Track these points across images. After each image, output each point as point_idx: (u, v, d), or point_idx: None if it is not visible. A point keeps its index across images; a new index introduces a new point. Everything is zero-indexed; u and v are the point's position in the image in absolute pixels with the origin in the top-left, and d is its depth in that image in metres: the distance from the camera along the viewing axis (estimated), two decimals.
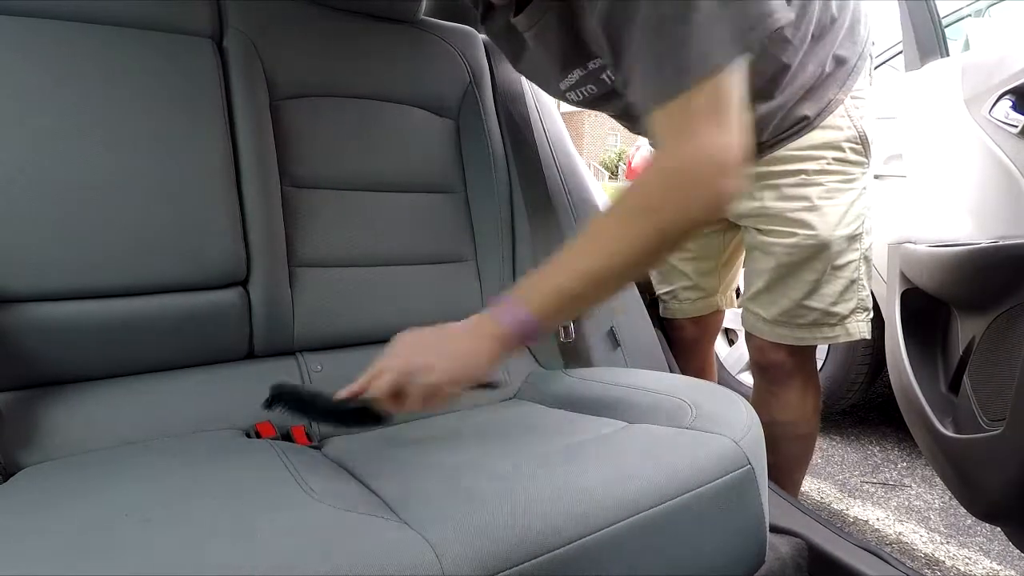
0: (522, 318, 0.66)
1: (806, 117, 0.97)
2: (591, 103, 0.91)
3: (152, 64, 0.84)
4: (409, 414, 0.93)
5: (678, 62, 0.62)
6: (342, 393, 0.69)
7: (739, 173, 0.63)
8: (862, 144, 1.01)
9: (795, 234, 1.00)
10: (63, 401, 0.77)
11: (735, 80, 0.63)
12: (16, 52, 0.76)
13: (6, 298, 0.73)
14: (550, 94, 0.97)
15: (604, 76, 0.83)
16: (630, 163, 2.60)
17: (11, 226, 0.74)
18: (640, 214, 0.65)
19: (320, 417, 0.78)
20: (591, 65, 0.83)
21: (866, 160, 1.03)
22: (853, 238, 1.02)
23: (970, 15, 1.80)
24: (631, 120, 0.97)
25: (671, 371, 1.12)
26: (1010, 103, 0.93)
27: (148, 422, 0.79)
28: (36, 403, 0.76)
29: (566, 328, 1.06)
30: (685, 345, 1.33)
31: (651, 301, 1.29)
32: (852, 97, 0.99)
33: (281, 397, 0.72)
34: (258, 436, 0.80)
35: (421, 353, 0.67)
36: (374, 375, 0.68)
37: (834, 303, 1.04)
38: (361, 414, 0.70)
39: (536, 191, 1.12)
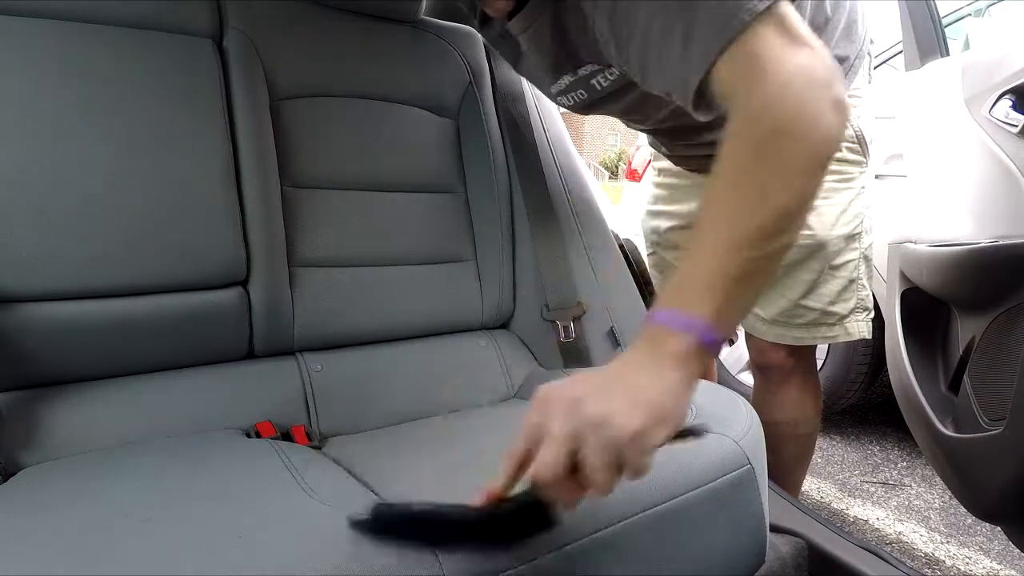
0: (698, 325, 0.49)
1: None
2: (584, 108, 0.91)
3: (152, 64, 0.83)
4: (406, 415, 0.93)
5: (726, 5, 0.55)
6: (479, 499, 0.49)
7: (839, 81, 0.55)
8: (860, 143, 1.01)
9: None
10: (63, 401, 0.77)
11: (787, 6, 0.56)
12: (16, 52, 0.76)
13: (6, 298, 0.73)
14: (548, 97, 0.97)
15: (595, 82, 0.83)
16: (630, 163, 2.60)
17: (11, 226, 0.73)
18: (761, 169, 0.52)
19: (452, 540, 0.51)
20: (581, 71, 0.82)
21: (864, 159, 1.03)
22: (851, 237, 1.02)
23: (970, 14, 1.80)
24: (639, 113, 0.94)
25: None
26: (1010, 103, 0.93)
27: (148, 422, 0.78)
28: (36, 403, 0.76)
29: (566, 328, 1.06)
30: None
31: (651, 302, 1.29)
32: (850, 96, 0.99)
33: (381, 520, 0.49)
34: (258, 436, 0.80)
35: (589, 403, 0.46)
36: (523, 456, 0.48)
37: (832, 302, 1.04)
38: (520, 519, 0.49)
39: (536, 191, 1.12)
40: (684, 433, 0.50)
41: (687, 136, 1.01)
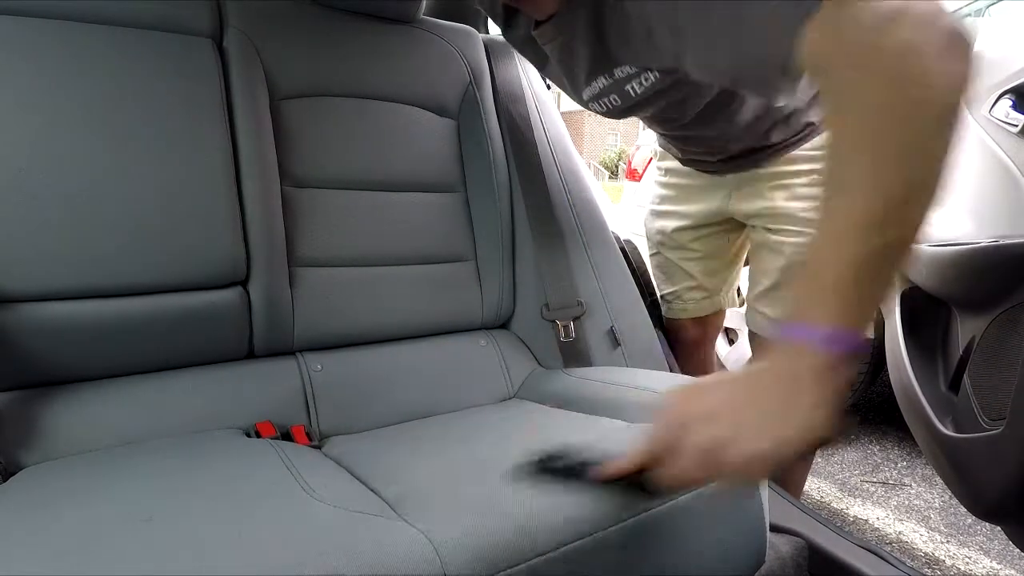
0: (835, 337, 0.46)
1: (812, 123, 0.98)
2: (618, 113, 0.89)
3: (152, 64, 0.83)
4: (406, 414, 0.94)
5: None
6: (609, 469, 0.56)
7: (947, 15, 0.45)
8: None
9: (806, 233, 1.01)
10: (63, 401, 0.77)
11: None
12: (16, 52, 0.76)
13: (6, 298, 0.73)
14: (579, 103, 0.97)
15: (629, 87, 0.81)
16: (630, 163, 2.60)
17: (11, 226, 0.74)
18: (890, 123, 0.45)
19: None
20: (618, 73, 0.80)
21: None
22: None
23: (970, 14, 1.80)
24: (669, 119, 0.93)
25: (671, 371, 1.12)
26: (1010, 102, 0.93)
27: (148, 422, 0.79)
28: (36, 403, 0.76)
29: (566, 327, 1.06)
30: (686, 346, 1.33)
31: (651, 302, 1.29)
32: None
33: (551, 466, 0.59)
34: (258, 436, 0.80)
35: (722, 422, 0.47)
36: (651, 456, 0.52)
37: None
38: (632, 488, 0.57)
39: (536, 191, 1.12)
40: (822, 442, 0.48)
41: (707, 142, 1.02)
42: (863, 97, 0.46)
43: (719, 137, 0.99)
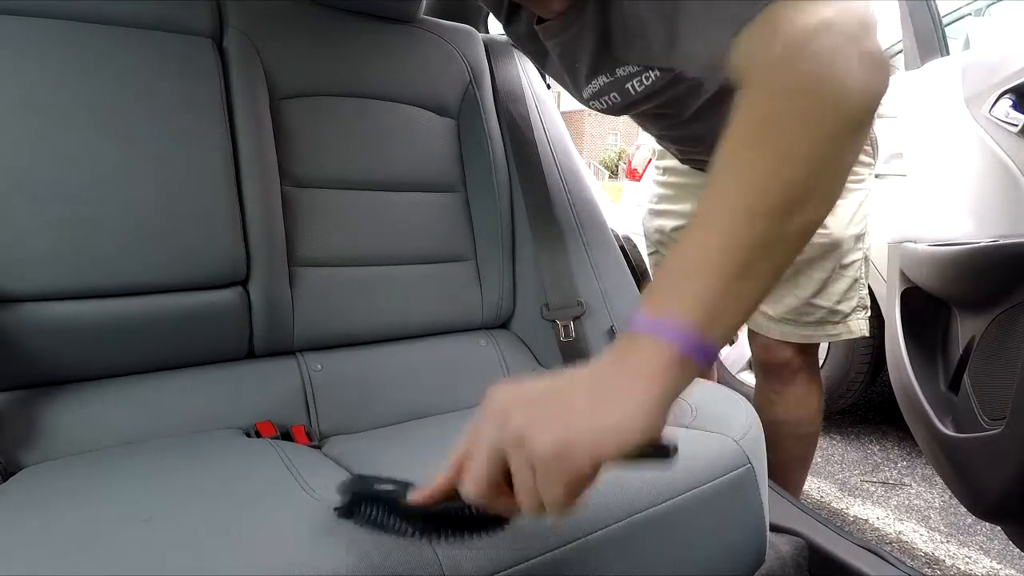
0: (682, 332, 0.40)
1: None
2: (618, 111, 0.90)
3: (152, 64, 0.83)
4: (406, 414, 0.93)
5: None
6: (416, 496, 0.47)
7: (873, 33, 0.46)
8: (871, 145, 1.03)
9: None
10: (63, 401, 0.77)
11: None
12: (17, 52, 0.76)
13: (6, 298, 0.73)
14: (577, 100, 0.97)
15: (630, 86, 0.82)
16: (630, 162, 2.60)
17: (11, 226, 0.73)
18: (780, 125, 0.44)
19: (414, 528, 0.49)
20: (620, 72, 0.81)
21: (873, 161, 1.06)
22: (859, 237, 1.05)
23: (970, 14, 1.79)
24: (668, 117, 0.94)
25: None
26: (1010, 102, 0.93)
27: (148, 422, 0.78)
28: (36, 403, 0.76)
29: (566, 327, 1.06)
30: None
31: None
32: None
33: (358, 501, 0.51)
34: (258, 436, 0.80)
35: (516, 415, 0.41)
36: (461, 457, 0.45)
37: (839, 301, 1.06)
38: (468, 518, 0.47)
39: (536, 191, 1.12)
40: (653, 451, 0.41)
41: (702, 140, 1.02)
42: (773, 91, 0.45)
43: (711, 133, 0.99)
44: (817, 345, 1.14)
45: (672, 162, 1.19)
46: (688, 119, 0.93)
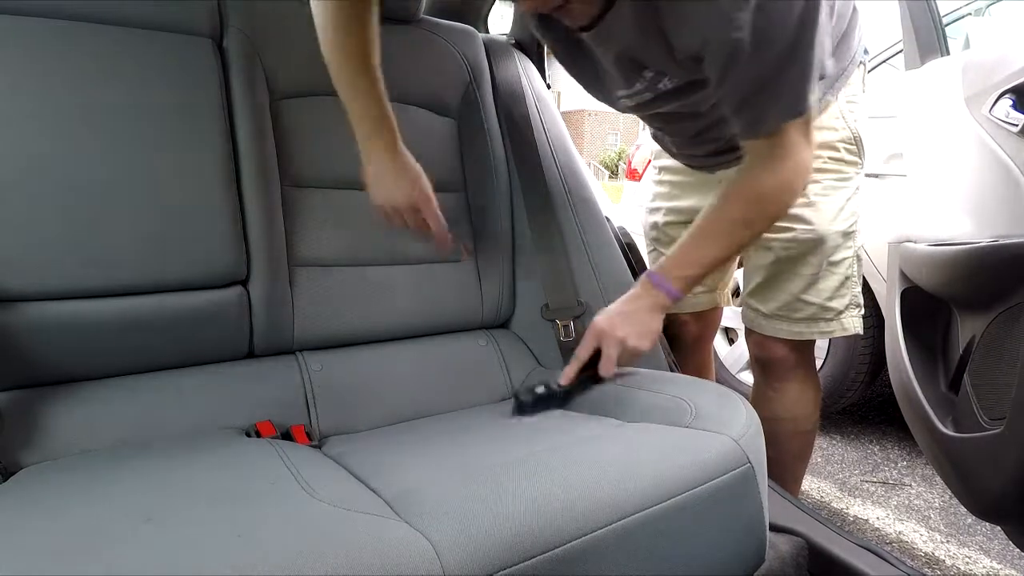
0: (674, 293, 0.88)
1: None
2: (643, 107, 0.93)
3: (152, 64, 0.84)
4: (406, 414, 0.94)
5: (790, 103, 0.78)
6: (570, 370, 0.90)
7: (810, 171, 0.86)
8: (856, 145, 1.05)
9: (793, 228, 1.03)
10: (63, 401, 0.77)
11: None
12: (16, 52, 0.76)
13: (6, 298, 0.73)
14: (602, 100, 0.98)
15: (661, 84, 0.86)
16: (630, 162, 2.60)
17: (11, 226, 0.74)
18: (741, 226, 0.87)
19: (563, 401, 0.91)
20: (647, 74, 0.85)
21: (860, 160, 1.06)
22: (847, 235, 1.05)
23: (970, 14, 1.79)
24: (682, 117, 0.99)
25: (671, 370, 1.12)
26: (1010, 102, 0.93)
27: (148, 421, 0.79)
28: (36, 403, 0.76)
29: (566, 327, 1.06)
30: (685, 342, 1.34)
31: None
32: (847, 101, 1.03)
33: (536, 403, 0.89)
34: (258, 435, 0.80)
35: (618, 330, 0.88)
36: (590, 355, 0.89)
37: (830, 298, 1.07)
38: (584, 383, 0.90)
39: (536, 191, 1.12)
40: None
41: (699, 139, 1.04)
42: (750, 201, 0.86)
43: (712, 140, 1.01)
44: (812, 343, 1.14)
45: (668, 162, 1.21)
46: (707, 111, 0.95)
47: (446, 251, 0.97)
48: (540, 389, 0.88)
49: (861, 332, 1.11)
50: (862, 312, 1.11)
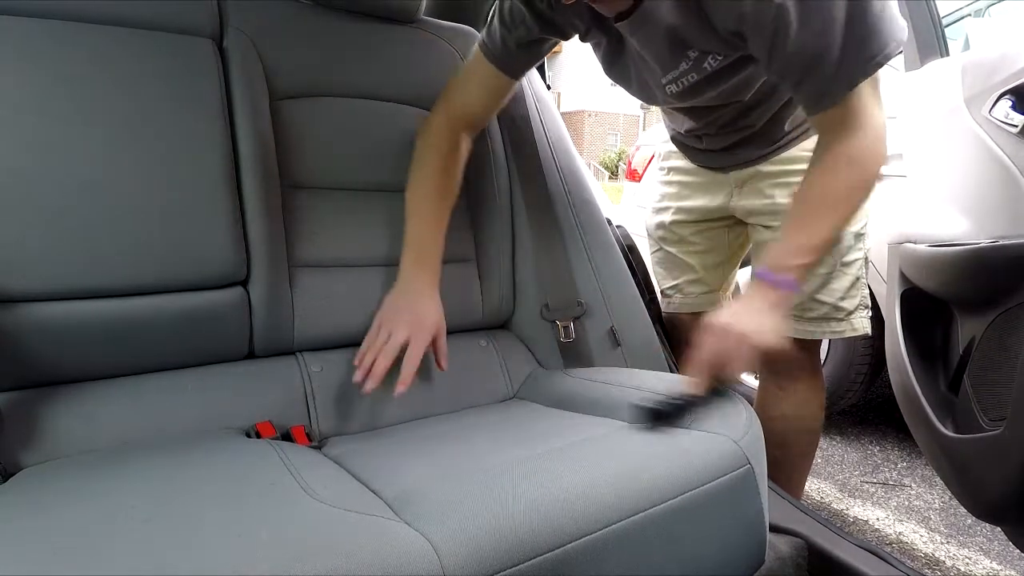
0: (793, 285, 0.80)
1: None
2: (687, 92, 0.91)
3: (152, 64, 0.83)
4: (406, 415, 0.94)
5: (852, 67, 0.74)
6: (692, 385, 0.80)
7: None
8: None
9: None
10: (63, 401, 0.77)
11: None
12: (16, 52, 0.76)
13: (6, 298, 0.73)
14: (644, 98, 0.98)
15: (706, 64, 0.85)
16: (630, 163, 2.60)
17: (11, 226, 0.73)
18: (845, 198, 0.81)
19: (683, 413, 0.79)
20: (691, 54, 0.84)
21: None
22: (859, 236, 1.06)
23: (970, 15, 1.80)
24: (728, 98, 0.97)
25: (671, 371, 1.12)
26: (1010, 103, 0.93)
27: (148, 422, 0.79)
28: (36, 403, 0.76)
29: (566, 328, 1.06)
30: (686, 343, 1.34)
31: (650, 300, 1.29)
32: None
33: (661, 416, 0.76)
34: (258, 436, 0.80)
35: (737, 328, 0.77)
36: (717, 363, 0.79)
37: (842, 298, 1.08)
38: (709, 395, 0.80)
39: (536, 191, 1.12)
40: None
41: (731, 128, 1.04)
42: (844, 171, 0.79)
43: (743, 129, 1.02)
44: (819, 343, 1.15)
45: (678, 162, 1.22)
46: (747, 102, 0.96)
47: (397, 391, 0.86)
48: (679, 400, 0.78)
49: (870, 333, 1.11)
50: (870, 313, 1.12)
